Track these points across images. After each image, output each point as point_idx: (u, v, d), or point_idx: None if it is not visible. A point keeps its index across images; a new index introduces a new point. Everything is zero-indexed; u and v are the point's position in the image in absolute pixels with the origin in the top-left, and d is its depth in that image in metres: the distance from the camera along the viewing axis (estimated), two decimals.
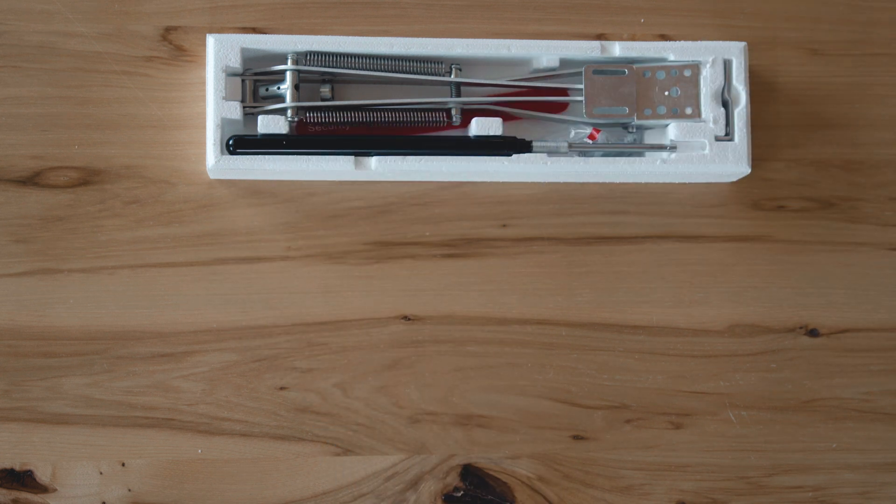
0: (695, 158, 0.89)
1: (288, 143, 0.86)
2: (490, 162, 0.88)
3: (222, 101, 0.86)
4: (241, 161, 0.86)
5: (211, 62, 0.86)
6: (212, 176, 0.88)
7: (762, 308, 0.92)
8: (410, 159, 0.87)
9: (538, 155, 0.88)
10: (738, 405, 0.91)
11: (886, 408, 0.92)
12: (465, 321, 0.90)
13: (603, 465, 0.90)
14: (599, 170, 0.89)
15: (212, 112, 0.86)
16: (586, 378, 0.90)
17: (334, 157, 0.87)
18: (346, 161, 0.87)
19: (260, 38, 0.87)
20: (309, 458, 0.88)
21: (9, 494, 0.85)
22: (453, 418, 0.89)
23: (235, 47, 0.87)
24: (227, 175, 0.88)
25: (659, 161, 0.89)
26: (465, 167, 0.88)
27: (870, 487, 0.91)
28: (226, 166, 0.86)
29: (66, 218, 0.88)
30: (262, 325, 0.88)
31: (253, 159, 0.86)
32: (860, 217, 0.93)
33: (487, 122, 0.88)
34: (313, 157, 0.86)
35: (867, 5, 0.96)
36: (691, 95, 0.90)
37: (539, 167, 0.88)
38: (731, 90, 0.90)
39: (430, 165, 0.87)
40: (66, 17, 0.89)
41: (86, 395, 0.86)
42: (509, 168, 0.88)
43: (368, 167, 0.87)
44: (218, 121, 0.86)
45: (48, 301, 0.87)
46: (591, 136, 0.90)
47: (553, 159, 0.88)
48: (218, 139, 0.86)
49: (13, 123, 0.88)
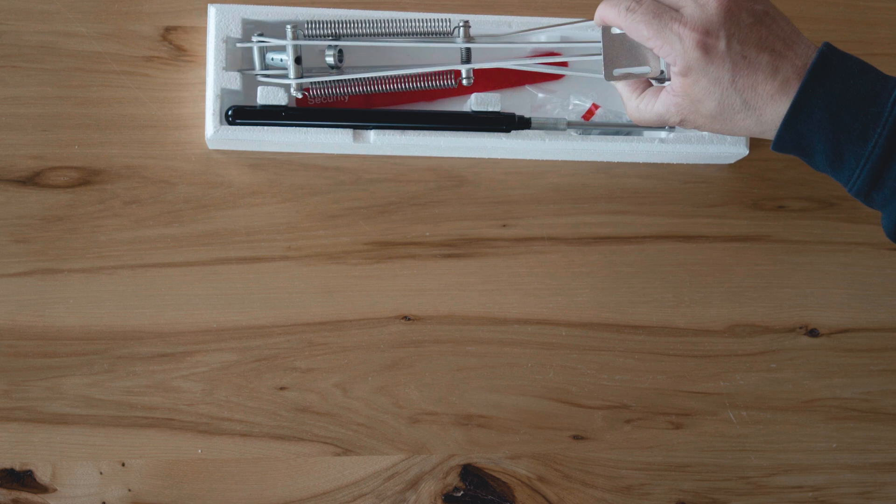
0: (693, 138, 0.89)
1: (287, 114, 0.86)
2: (488, 138, 0.88)
3: (222, 70, 0.86)
4: (240, 132, 0.86)
5: (212, 32, 0.86)
6: (210, 146, 0.88)
7: (762, 308, 0.92)
8: (409, 133, 0.87)
9: (536, 132, 0.88)
10: (738, 405, 0.91)
11: (886, 408, 0.92)
12: (465, 321, 0.90)
13: (603, 465, 0.90)
14: (598, 148, 0.89)
15: (211, 82, 0.86)
16: (586, 378, 0.90)
17: (333, 129, 0.86)
18: (345, 134, 0.86)
19: (261, 8, 0.87)
20: (309, 458, 0.88)
21: (9, 494, 0.85)
22: (453, 418, 0.89)
23: (237, 17, 0.87)
24: (225, 145, 0.88)
25: (657, 140, 0.89)
26: (463, 143, 0.88)
27: (870, 487, 0.91)
28: (225, 136, 0.86)
29: (66, 218, 0.88)
30: (262, 325, 0.88)
31: (251, 130, 0.86)
32: (860, 217, 0.93)
33: (487, 97, 0.88)
34: (312, 129, 0.86)
35: (867, 5, 0.96)
36: None
37: (537, 144, 0.88)
38: None
39: (429, 140, 0.87)
40: (66, 17, 0.89)
41: (86, 395, 0.86)
42: (507, 144, 0.88)
43: (367, 140, 0.87)
44: (217, 91, 0.86)
45: (48, 301, 0.87)
46: (590, 111, 0.90)
47: (551, 136, 0.88)
48: (217, 109, 0.86)
49: (13, 123, 0.88)
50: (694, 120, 0.77)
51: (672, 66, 0.75)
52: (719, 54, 0.73)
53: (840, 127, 0.72)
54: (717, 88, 0.74)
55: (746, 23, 0.74)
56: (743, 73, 0.73)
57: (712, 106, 0.75)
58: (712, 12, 0.73)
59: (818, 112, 0.73)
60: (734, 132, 0.76)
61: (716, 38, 0.73)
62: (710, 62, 0.73)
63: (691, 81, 0.74)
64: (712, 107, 0.75)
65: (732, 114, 0.75)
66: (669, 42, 0.74)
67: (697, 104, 0.75)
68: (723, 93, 0.74)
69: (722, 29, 0.73)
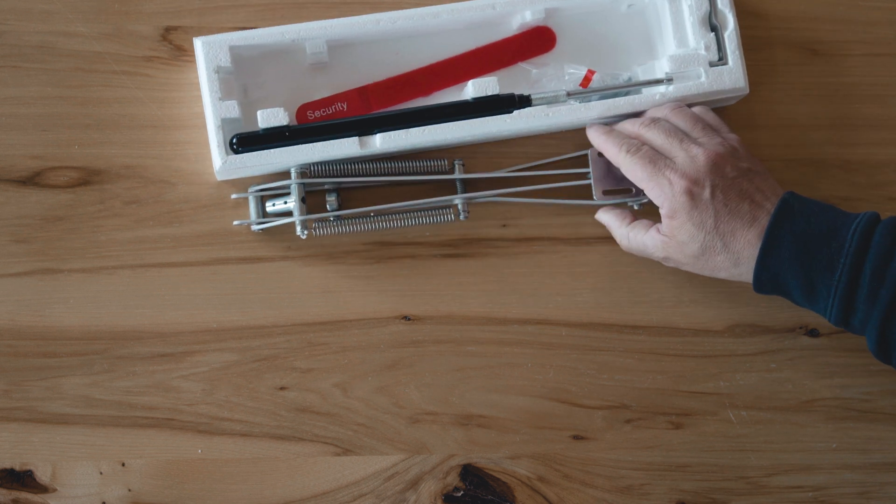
0: (692, 87, 0.89)
1: (290, 133, 0.86)
2: (492, 122, 0.88)
3: (219, 101, 0.86)
4: (248, 158, 0.85)
5: (202, 65, 0.86)
6: (219, 178, 0.88)
7: (762, 308, 0.92)
8: (414, 131, 0.87)
9: (538, 108, 0.88)
10: (738, 405, 0.91)
11: (886, 408, 0.92)
12: (465, 321, 0.90)
13: (603, 465, 0.90)
14: (602, 113, 0.89)
15: (210, 114, 0.86)
16: (586, 378, 0.90)
17: (339, 139, 0.86)
18: (351, 142, 0.86)
19: (247, 34, 0.87)
20: (309, 458, 0.88)
21: (9, 494, 0.85)
22: (453, 418, 0.89)
23: (224, 47, 0.86)
24: (235, 174, 0.87)
25: (658, 95, 0.89)
26: (468, 131, 0.87)
27: (870, 487, 0.91)
28: (233, 165, 0.85)
29: (66, 218, 0.87)
30: (262, 325, 0.88)
31: (258, 154, 0.86)
32: None
33: (484, 82, 0.88)
34: (319, 144, 0.86)
35: (867, 5, 0.96)
36: None
37: (541, 120, 0.88)
38: (718, 14, 0.90)
39: (434, 134, 0.87)
40: (66, 17, 0.89)
41: (86, 395, 0.86)
42: (512, 125, 0.88)
43: (373, 145, 0.87)
44: (218, 122, 0.86)
45: (48, 301, 0.87)
46: (586, 78, 0.90)
47: (554, 110, 0.88)
48: (221, 141, 0.85)
49: (13, 123, 0.88)
50: (678, 259, 0.85)
51: (661, 207, 0.83)
52: (703, 201, 0.82)
53: (808, 261, 0.80)
54: (700, 232, 0.82)
55: (731, 176, 0.83)
56: (724, 220, 0.82)
57: (695, 247, 0.83)
58: (701, 164, 0.83)
59: (786, 249, 0.80)
60: (714, 273, 0.84)
61: (701, 188, 0.82)
62: (694, 207, 0.82)
63: (678, 224, 0.83)
64: (695, 248, 0.83)
65: (713, 255, 0.83)
66: (660, 186, 0.83)
67: (682, 246, 0.83)
68: (705, 236, 0.82)
69: (707, 179, 0.82)
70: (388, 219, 0.87)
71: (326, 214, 0.87)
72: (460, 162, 0.89)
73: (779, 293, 0.83)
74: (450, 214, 0.88)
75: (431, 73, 0.91)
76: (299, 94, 0.89)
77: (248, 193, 0.87)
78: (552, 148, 0.92)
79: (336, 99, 0.89)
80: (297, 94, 0.89)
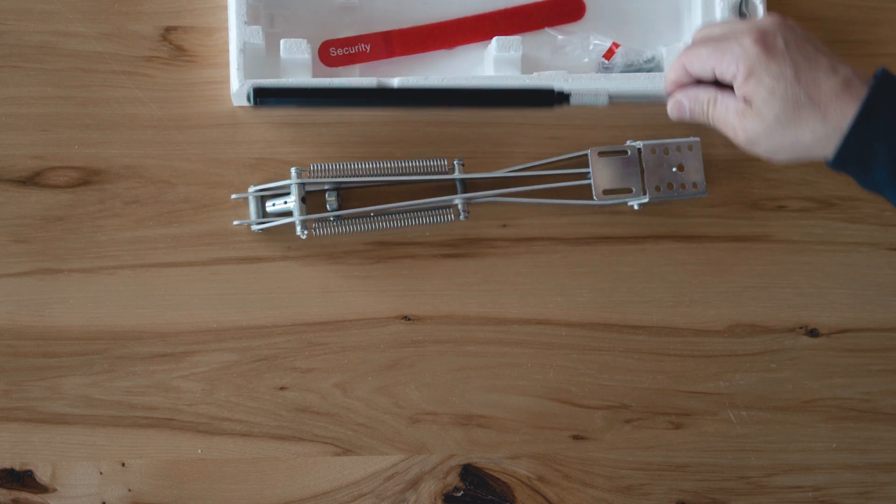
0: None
1: (309, 92, 0.85)
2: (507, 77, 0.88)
3: (244, 25, 0.86)
4: (266, 80, 0.85)
5: None
6: (235, 102, 0.88)
7: (762, 308, 0.92)
8: (433, 78, 0.87)
9: (559, 72, 0.89)
10: (738, 405, 0.91)
11: (886, 408, 0.92)
12: (465, 321, 0.90)
13: (603, 465, 0.90)
14: (620, 85, 0.89)
15: (234, 37, 0.86)
16: (586, 378, 0.90)
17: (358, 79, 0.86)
18: (369, 81, 0.86)
19: None
20: (309, 458, 0.88)
21: (9, 494, 0.85)
22: (453, 418, 0.89)
23: None
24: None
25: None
26: (484, 83, 0.87)
27: (870, 487, 0.91)
28: (249, 89, 0.84)
29: (66, 218, 0.88)
30: (262, 325, 0.88)
31: (277, 80, 0.85)
32: (860, 217, 0.93)
33: (508, 41, 0.88)
34: (336, 79, 0.86)
35: (868, 5, 0.96)
36: (696, 169, 0.90)
37: (560, 84, 0.86)
38: (749, 4, 0.90)
39: (452, 83, 0.87)
40: (66, 17, 0.89)
41: (86, 395, 0.86)
42: (529, 83, 0.88)
43: (391, 86, 0.87)
44: (241, 45, 0.86)
45: (48, 301, 0.87)
46: (610, 51, 0.90)
47: (574, 77, 0.88)
48: (241, 64, 0.86)
49: (13, 123, 0.88)
50: (756, 131, 0.76)
51: (735, 76, 0.76)
52: (779, 51, 0.75)
53: None
54: (780, 83, 0.74)
55: (799, 33, 0.76)
56: (804, 68, 0.74)
57: (777, 106, 0.74)
58: (768, 22, 0.76)
59: (885, 121, 0.73)
60: (798, 139, 0.75)
61: (774, 37, 0.75)
62: (771, 58, 0.74)
63: (755, 81, 0.75)
64: (777, 106, 0.74)
65: (798, 111, 0.74)
66: (730, 50, 0.75)
67: (763, 105, 0.75)
68: (787, 87, 0.74)
69: (778, 32, 0.75)
70: (388, 219, 0.88)
71: (326, 214, 0.87)
72: (460, 162, 0.89)
73: (856, 167, 0.75)
74: (450, 214, 0.88)
75: (457, 27, 0.91)
76: (325, 31, 0.89)
77: (249, 193, 0.88)
78: (552, 148, 0.92)
79: (360, 40, 0.89)
80: (323, 31, 0.89)
